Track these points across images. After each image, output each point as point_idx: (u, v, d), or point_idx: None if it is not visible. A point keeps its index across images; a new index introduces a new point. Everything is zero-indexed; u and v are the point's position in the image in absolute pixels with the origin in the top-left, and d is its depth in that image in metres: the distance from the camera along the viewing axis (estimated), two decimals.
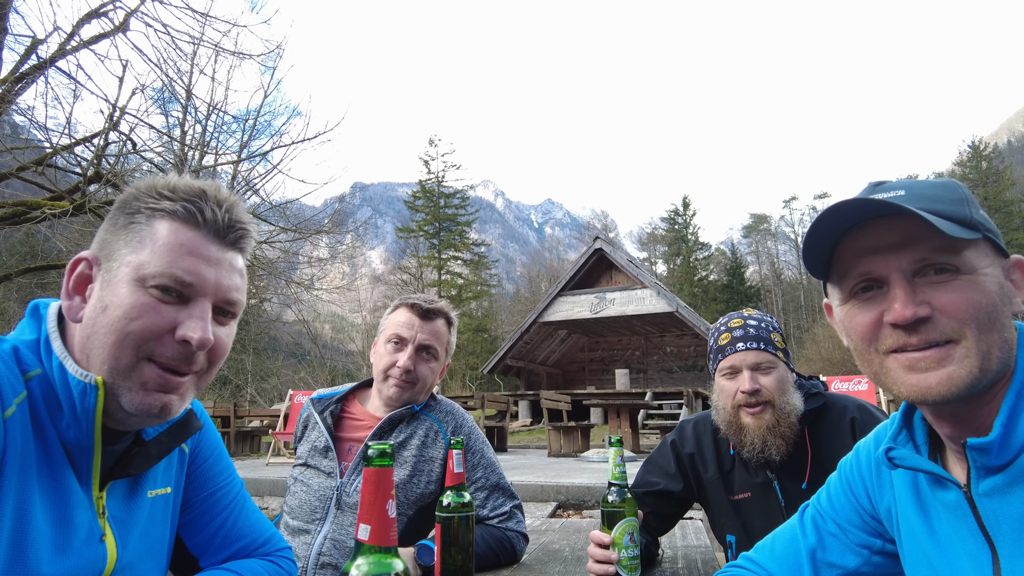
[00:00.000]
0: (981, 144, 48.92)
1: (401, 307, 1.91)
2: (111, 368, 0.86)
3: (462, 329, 37.51)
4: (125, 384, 0.86)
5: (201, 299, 0.90)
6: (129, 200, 0.92)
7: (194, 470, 1.12)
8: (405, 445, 1.83)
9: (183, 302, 0.89)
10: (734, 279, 51.60)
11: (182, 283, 0.88)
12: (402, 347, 1.86)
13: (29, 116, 7.36)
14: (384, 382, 1.86)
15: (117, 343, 0.85)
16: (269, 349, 33.37)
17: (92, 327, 0.87)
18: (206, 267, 0.91)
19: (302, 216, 12.32)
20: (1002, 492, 0.78)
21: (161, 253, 0.88)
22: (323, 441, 1.83)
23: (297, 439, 1.97)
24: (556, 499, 6.48)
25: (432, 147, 44.18)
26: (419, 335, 1.86)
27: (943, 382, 0.79)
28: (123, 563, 0.93)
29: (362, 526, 0.70)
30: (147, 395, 0.87)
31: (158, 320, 0.87)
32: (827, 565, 1.07)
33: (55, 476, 0.85)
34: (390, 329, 1.89)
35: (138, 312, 0.86)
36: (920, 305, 0.80)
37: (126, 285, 0.86)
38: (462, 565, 1.35)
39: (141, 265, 0.87)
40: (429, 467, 1.82)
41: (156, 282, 0.87)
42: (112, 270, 0.88)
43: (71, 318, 0.90)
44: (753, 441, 1.68)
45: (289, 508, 1.82)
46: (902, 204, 0.79)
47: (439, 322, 1.91)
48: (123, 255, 0.88)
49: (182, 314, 0.88)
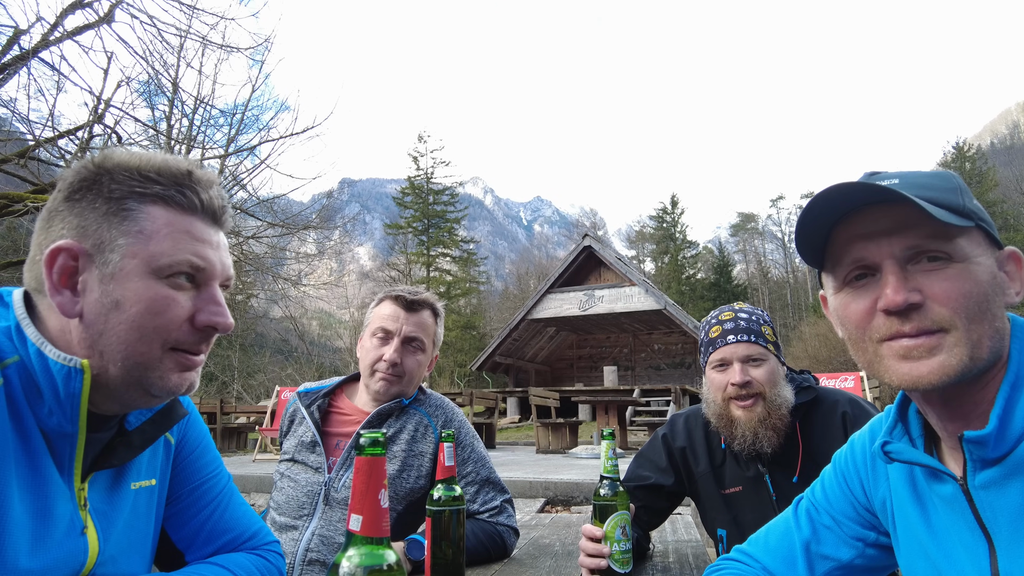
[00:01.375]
0: (965, 145, 49.59)
1: (386, 300, 1.89)
2: (136, 363, 0.85)
3: (450, 326, 37.45)
4: (151, 374, 0.87)
5: (212, 282, 0.92)
6: (103, 181, 0.87)
7: (180, 462, 1.09)
8: (394, 440, 1.81)
9: (196, 287, 0.90)
10: (721, 277, 51.92)
11: (197, 269, 0.89)
12: (388, 340, 1.84)
13: (11, 108, 7.21)
14: (371, 377, 1.84)
15: (142, 339, 0.85)
16: (256, 345, 33.15)
17: (104, 324, 0.84)
18: (211, 251, 0.92)
19: (290, 211, 12.21)
20: (998, 484, 0.78)
21: (171, 241, 0.87)
22: (310, 436, 1.81)
23: (283, 434, 1.94)
24: (544, 495, 6.48)
25: (421, 143, 44.04)
26: (405, 327, 1.84)
27: (934, 371, 0.79)
28: (105, 556, 0.90)
29: (354, 516, 0.69)
30: (174, 376, 0.89)
31: (180, 311, 0.87)
32: (821, 557, 1.07)
33: (34, 467, 0.82)
34: (375, 323, 1.87)
35: (161, 306, 0.86)
36: (911, 292, 0.80)
37: (140, 279, 0.85)
38: (453, 559, 1.34)
39: (152, 257, 0.86)
40: (419, 462, 1.81)
41: (172, 271, 0.87)
42: (112, 262, 0.84)
43: (67, 314, 0.85)
44: (744, 434, 1.68)
45: (276, 504, 1.79)
46: (896, 190, 0.79)
47: (425, 313, 1.89)
48: (122, 245, 0.85)
49: (198, 300, 0.90)
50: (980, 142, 77.87)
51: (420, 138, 44.17)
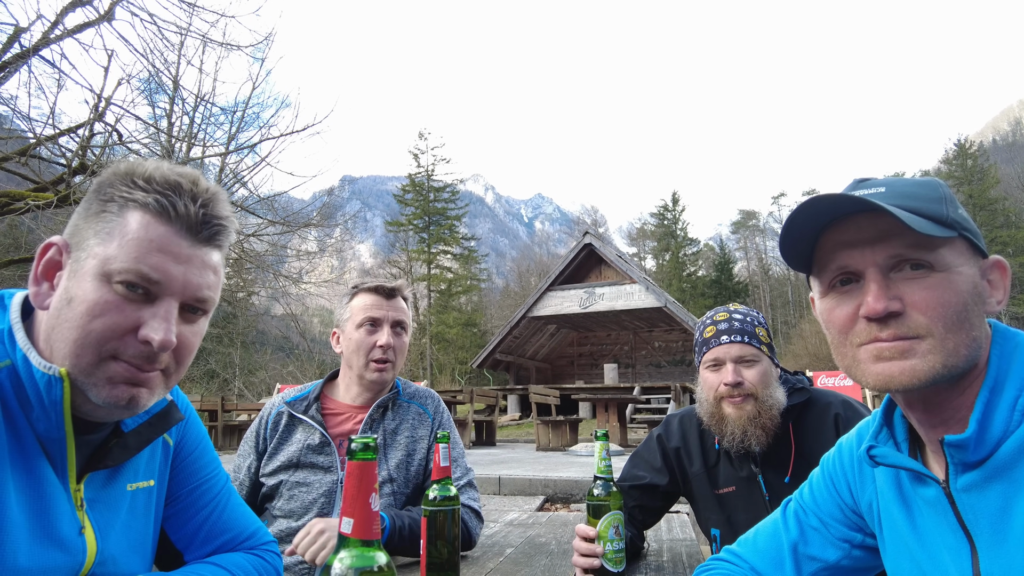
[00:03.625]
0: (967, 142, 49.41)
1: (363, 292, 1.95)
2: (73, 364, 0.84)
3: (451, 324, 37.47)
4: (90, 380, 0.84)
5: (167, 298, 0.87)
6: (104, 185, 0.89)
7: (179, 463, 1.11)
8: (398, 431, 1.90)
9: (148, 300, 0.86)
10: (722, 275, 51.93)
11: (148, 280, 0.85)
12: (378, 328, 1.90)
13: (12, 106, 7.21)
14: (366, 367, 1.87)
15: (79, 340, 0.83)
16: (257, 343, 33.22)
17: (57, 318, 0.84)
18: (174, 265, 0.87)
19: (290, 209, 12.22)
20: (979, 487, 0.80)
21: (129, 248, 0.84)
22: (317, 436, 1.83)
23: (266, 443, 1.87)
24: (544, 493, 6.51)
25: (422, 140, 44.04)
26: (390, 313, 1.92)
27: (905, 372, 0.81)
28: (104, 556, 0.92)
29: (345, 519, 0.70)
30: (114, 388, 0.85)
31: (120, 319, 0.84)
32: (808, 558, 1.08)
33: (30, 468, 0.84)
34: (359, 314, 1.90)
35: (101, 310, 0.83)
36: (892, 300, 0.82)
37: (91, 279, 0.84)
38: (448, 559, 1.36)
39: (108, 259, 0.84)
40: (420, 446, 1.91)
41: (121, 278, 0.84)
42: (80, 260, 0.86)
43: (38, 305, 0.87)
44: (734, 431, 1.70)
45: (286, 511, 1.77)
46: (876, 201, 0.81)
47: (401, 299, 1.97)
48: (91, 245, 0.86)
49: (146, 313, 0.85)
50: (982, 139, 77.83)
51: (421, 135, 44.19)
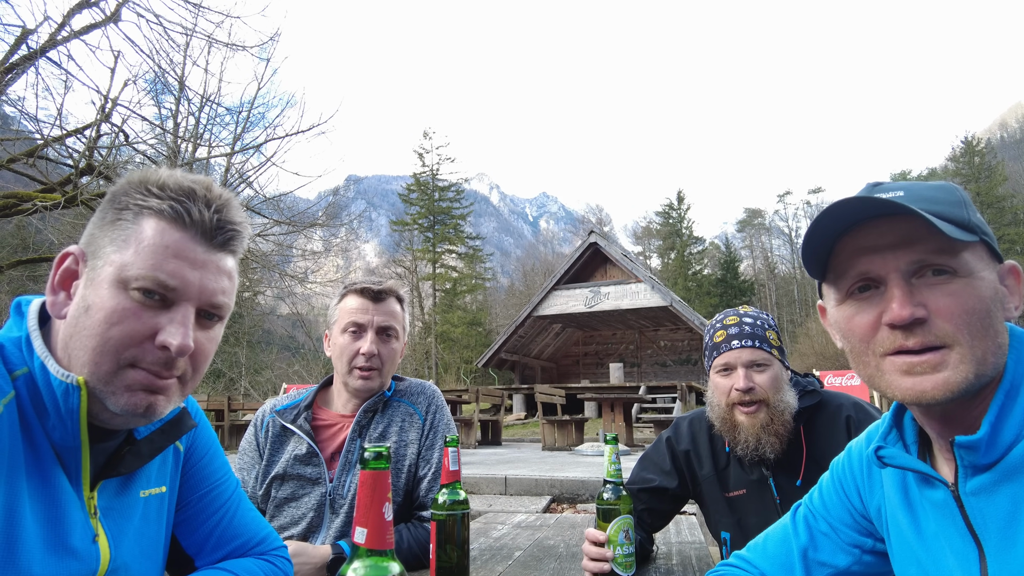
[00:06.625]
0: (974, 140, 49.18)
1: (350, 294, 1.85)
2: (92, 372, 0.84)
3: (456, 323, 37.46)
4: (108, 388, 0.84)
5: (184, 303, 0.88)
6: (119, 194, 0.90)
7: (189, 469, 1.11)
8: (386, 435, 1.81)
9: (166, 306, 0.87)
10: (728, 273, 51.78)
11: (165, 287, 0.86)
12: (361, 334, 1.81)
13: (19, 107, 7.26)
14: (349, 374, 1.80)
15: (98, 348, 0.83)
16: (263, 342, 33.31)
17: (75, 327, 0.85)
18: (191, 270, 0.88)
19: (296, 209, 12.28)
20: (989, 490, 0.79)
21: (145, 254, 0.85)
22: (304, 447, 1.77)
23: (260, 451, 1.83)
24: (550, 493, 6.50)
25: (427, 140, 44.11)
26: (376, 318, 1.81)
27: (938, 386, 0.79)
28: (117, 563, 0.92)
29: (358, 529, 0.70)
30: (132, 395, 0.85)
31: (138, 326, 0.85)
32: (818, 564, 1.08)
33: (44, 476, 0.84)
34: (344, 318, 1.83)
35: (119, 317, 0.84)
36: (917, 306, 0.80)
37: (108, 286, 0.84)
38: (458, 563, 1.35)
39: (124, 266, 0.85)
40: (410, 451, 1.81)
41: (138, 285, 0.84)
42: (97, 268, 0.86)
43: (55, 314, 0.88)
44: (747, 439, 1.69)
45: (276, 527, 1.72)
46: (904, 203, 0.79)
47: (391, 301, 1.86)
48: (108, 253, 0.86)
49: (163, 319, 0.86)
50: (990, 136, 77.21)
51: (426, 135, 44.25)
